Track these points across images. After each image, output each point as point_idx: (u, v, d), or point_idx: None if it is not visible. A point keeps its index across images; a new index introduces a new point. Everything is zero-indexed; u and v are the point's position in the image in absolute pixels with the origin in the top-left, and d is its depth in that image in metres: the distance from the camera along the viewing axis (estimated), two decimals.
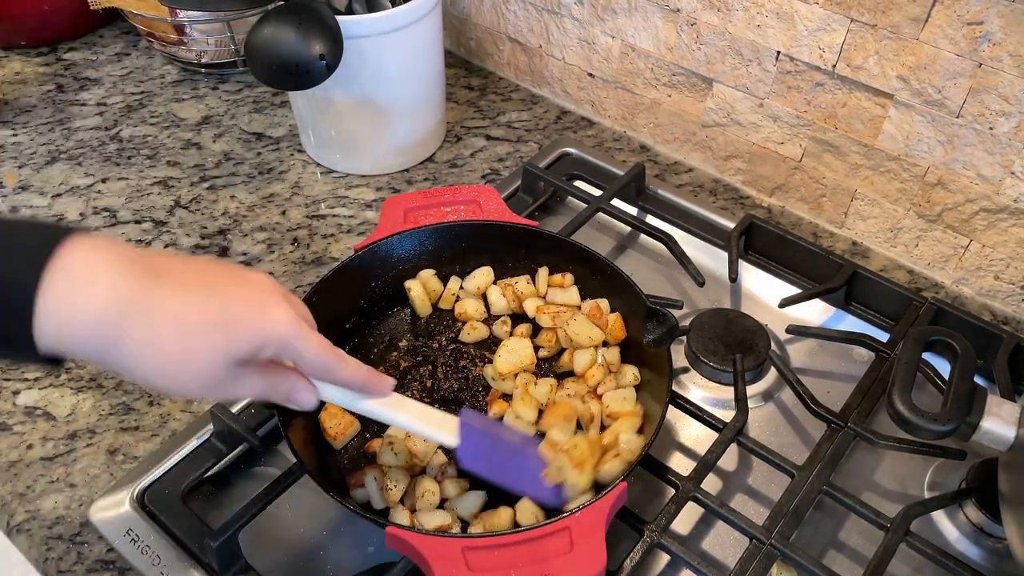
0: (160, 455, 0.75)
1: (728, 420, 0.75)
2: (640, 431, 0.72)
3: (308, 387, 0.60)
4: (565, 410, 0.72)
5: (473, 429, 0.65)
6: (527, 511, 0.68)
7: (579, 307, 0.83)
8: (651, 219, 1.01)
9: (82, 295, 0.47)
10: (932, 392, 0.82)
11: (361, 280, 0.84)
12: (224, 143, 1.14)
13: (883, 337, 0.85)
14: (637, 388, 0.78)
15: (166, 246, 0.98)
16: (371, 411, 0.64)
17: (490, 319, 0.86)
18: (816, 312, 0.92)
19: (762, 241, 0.96)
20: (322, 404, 0.64)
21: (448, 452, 0.73)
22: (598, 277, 0.83)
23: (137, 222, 1.02)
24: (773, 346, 0.85)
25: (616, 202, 1.00)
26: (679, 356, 0.86)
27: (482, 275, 0.87)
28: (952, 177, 0.88)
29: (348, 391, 0.62)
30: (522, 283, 0.86)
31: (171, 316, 0.50)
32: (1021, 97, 0.79)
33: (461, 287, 0.87)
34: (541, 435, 0.71)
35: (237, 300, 0.53)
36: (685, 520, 0.74)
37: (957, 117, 0.84)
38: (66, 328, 0.47)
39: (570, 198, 1.03)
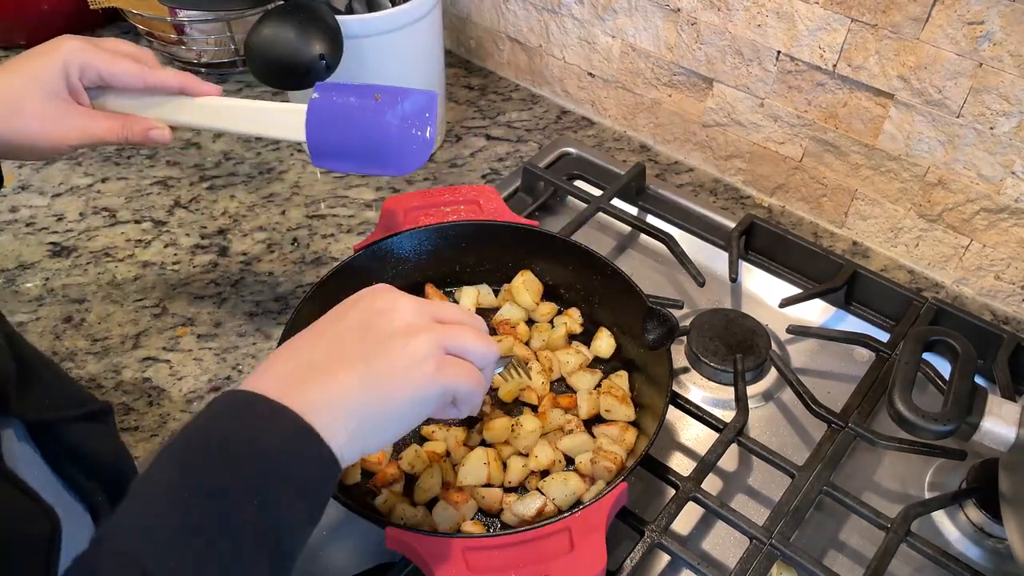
0: None
1: (728, 420, 0.75)
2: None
3: (148, 122, 0.69)
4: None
5: (325, 105, 0.64)
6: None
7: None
8: (651, 219, 1.01)
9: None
10: (932, 392, 0.82)
11: (361, 280, 0.84)
12: (224, 143, 1.14)
13: (883, 337, 0.85)
14: (637, 390, 0.78)
15: (166, 246, 0.98)
16: (201, 120, 0.68)
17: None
18: (816, 312, 0.92)
19: (762, 241, 0.96)
20: None
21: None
22: (598, 277, 0.83)
23: (137, 222, 1.02)
24: (773, 346, 0.85)
25: (616, 202, 1.00)
26: (679, 356, 0.86)
27: (468, 296, 0.87)
28: (952, 177, 0.88)
29: (172, 99, 0.69)
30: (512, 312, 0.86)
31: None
32: (1022, 97, 0.79)
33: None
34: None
35: (35, 52, 0.66)
36: (685, 520, 0.74)
37: (957, 117, 0.84)
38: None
39: (570, 198, 1.03)
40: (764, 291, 0.94)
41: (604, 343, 0.82)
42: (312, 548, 0.72)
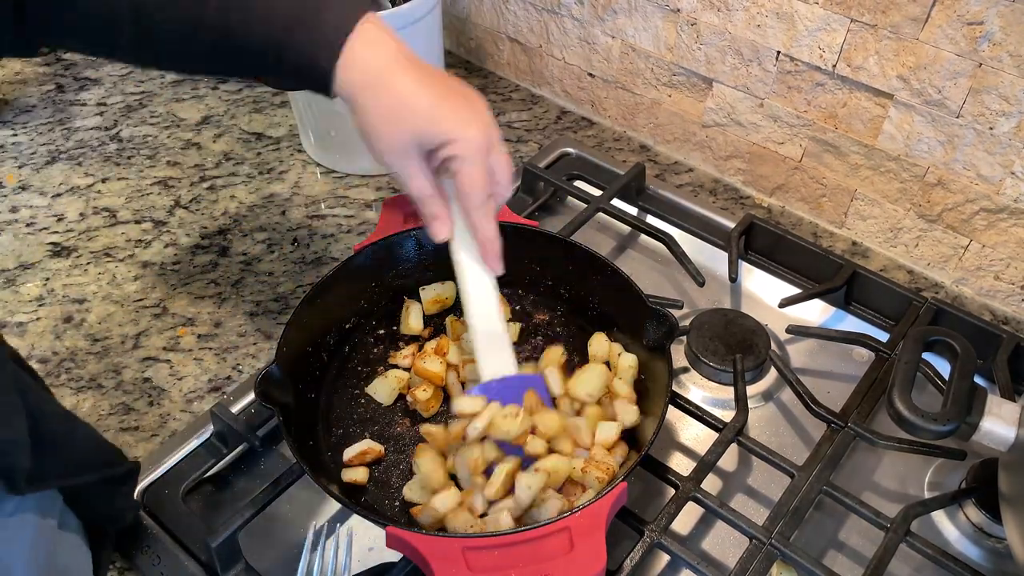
0: (160, 455, 0.75)
1: (728, 420, 0.75)
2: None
3: (448, 222, 0.70)
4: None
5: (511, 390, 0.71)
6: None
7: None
8: (651, 219, 1.01)
9: (363, 53, 0.61)
10: (932, 392, 0.82)
11: (361, 280, 0.84)
12: (224, 143, 1.14)
13: (883, 337, 0.85)
14: (638, 390, 0.78)
15: (166, 246, 0.98)
16: (463, 284, 0.72)
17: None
18: (816, 312, 0.92)
19: (762, 241, 0.96)
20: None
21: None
22: (598, 277, 0.83)
23: (137, 222, 1.02)
24: (773, 346, 0.85)
25: (616, 202, 1.00)
26: (679, 356, 0.86)
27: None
28: (952, 177, 0.88)
29: (468, 249, 0.72)
30: None
31: (398, 93, 0.62)
32: (1021, 97, 0.79)
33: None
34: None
35: (451, 107, 0.64)
36: (685, 520, 0.74)
37: (957, 117, 0.84)
38: (348, 74, 0.61)
39: (570, 198, 1.03)
40: (764, 291, 0.94)
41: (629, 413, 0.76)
42: (312, 548, 0.72)
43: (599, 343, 0.81)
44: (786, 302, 0.89)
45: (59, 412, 0.60)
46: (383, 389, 0.79)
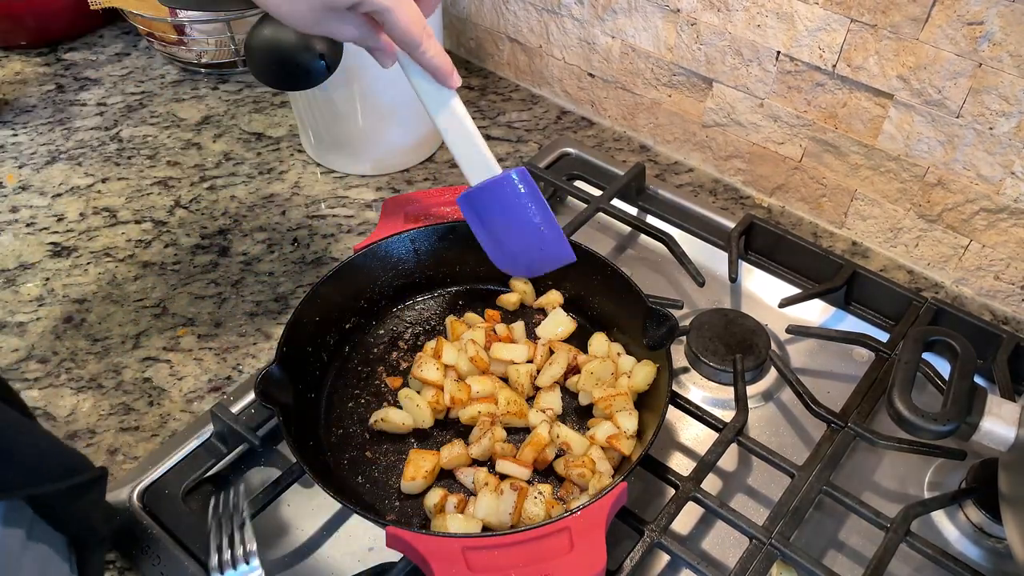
0: (160, 455, 0.75)
1: (728, 420, 0.75)
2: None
3: (391, 53, 0.68)
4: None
5: (504, 192, 0.78)
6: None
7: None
8: (651, 219, 1.01)
9: None
10: (932, 392, 0.82)
11: (361, 280, 0.84)
12: (224, 143, 1.14)
13: (883, 337, 0.85)
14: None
15: (166, 246, 0.98)
16: (429, 109, 0.72)
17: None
18: (816, 312, 0.92)
19: (762, 241, 0.96)
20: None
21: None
22: (598, 277, 0.83)
23: (137, 222, 1.02)
24: (773, 346, 0.85)
25: (616, 202, 1.00)
26: (679, 356, 0.86)
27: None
28: (952, 177, 0.88)
29: (419, 74, 0.70)
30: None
31: None
32: (1021, 97, 0.79)
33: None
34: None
35: None
36: (685, 520, 0.74)
37: (957, 117, 0.84)
38: None
39: (570, 198, 1.03)
40: (764, 291, 0.94)
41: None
42: (312, 548, 0.72)
43: (599, 343, 0.81)
44: (786, 302, 0.89)
45: (13, 421, 0.56)
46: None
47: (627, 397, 0.75)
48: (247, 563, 0.62)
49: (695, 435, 0.81)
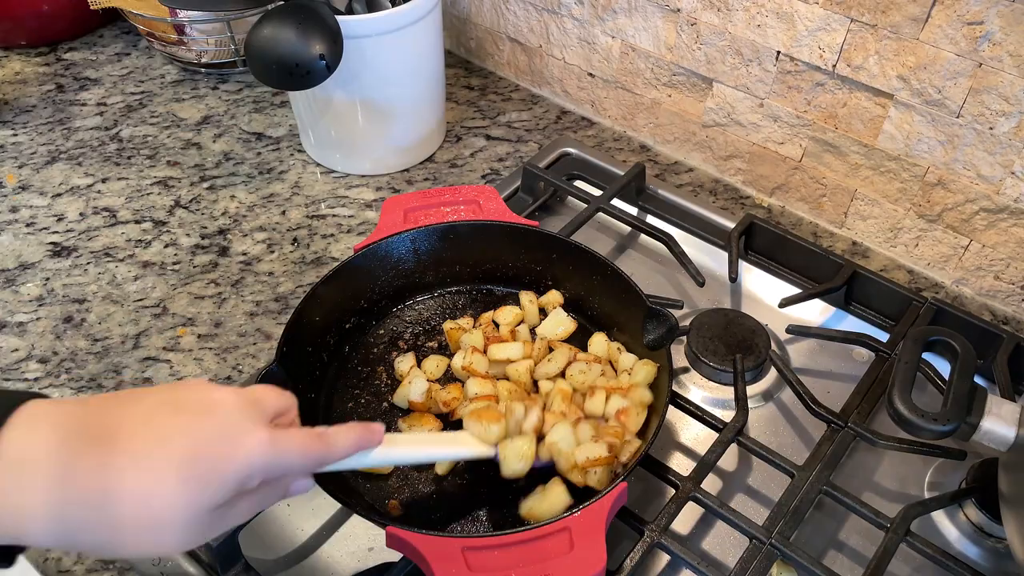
0: None
1: (728, 420, 0.75)
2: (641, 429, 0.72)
3: (302, 477, 0.56)
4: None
5: None
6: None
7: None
8: (651, 219, 1.01)
9: (20, 489, 0.43)
10: (932, 392, 0.82)
11: (361, 280, 0.84)
12: (224, 143, 1.14)
13: (883, 337, 0.85)
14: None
15: (166, 246, 0.98)
16: (388, 460, 0.63)
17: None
18: (816, 312, 0.92)
19: (762, 241, 0.96)
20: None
21: None
22: (598, 277, 0.83)
23: (137, 222, 1.02)
24: (773, 346, 0.85)
25: (616, 202, 1.00)
26: (679, 356, 0.86)
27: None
28: (952, 177, 0.88)
29: (347, 462, 0.59)
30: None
31: (131, 496, 0.45)
32: (1021, 97, 0.79)
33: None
34: None
35: (200, 446, 0.47)
36: (685, 520, 0.74)
37: (957, 117, 0.84)
38: (15, 525, 0.43)
39: (570, 198, 1.03)
40: (764, 291, 0.94)
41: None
42: (312, 548, 0.72)
43: (599, 343, 0.81)
44: (786, 302, 0.89)
45: None
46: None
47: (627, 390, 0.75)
48: None
49: (695, 435, 0.81)
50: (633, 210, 1.02)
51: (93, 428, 0.46)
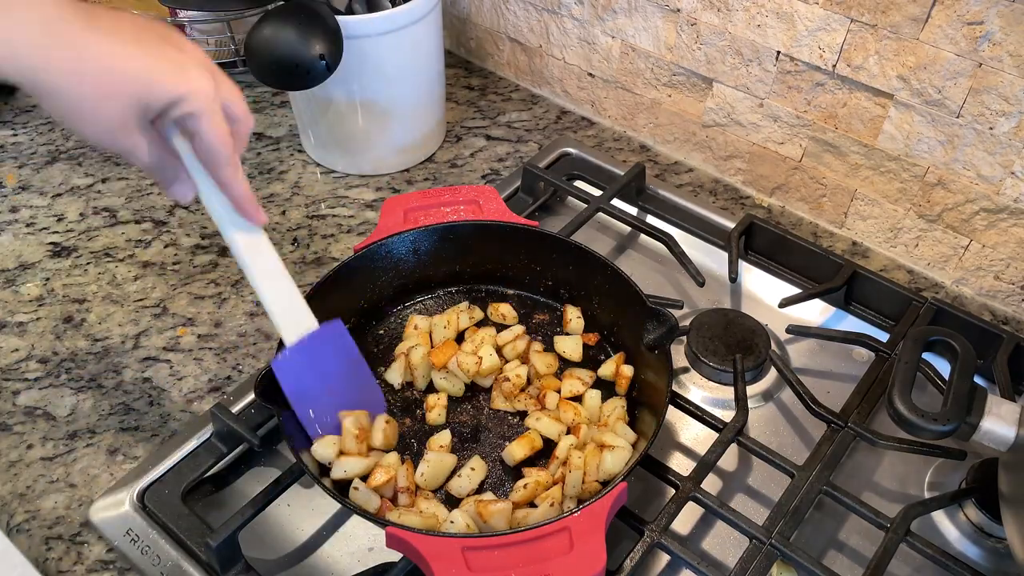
0: (160, 455, 0.75)
1: (728, 420, 0.75)
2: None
3: (188, 182, 0.62)
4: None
5: (320, 347, 0.69)
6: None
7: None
8: (651, 219, 1.01)
9: (18, 24, 0.50)
10: (932, 392, 0.82)
11: (361, 280, 0.84)
12: None
13: (883, 337, 0.85)
14: (637, 390, 0.78)
15: (166, 246, 0.98)
16: (233, 246, 0.64)
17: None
18: (816, 312, 0.92)
19: (762, 241, 0.96)
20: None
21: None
22: (598, 277, 0.83)
23: (137, 222, 1.02)
24: (773, 346, 0.85)
25: (616, 202, 1.00)
26: (679, 356, 0.86)
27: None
28: (952, 177, 0.88)
29: (223, 205, 0.63)
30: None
31: (98, 58, 0.52)
32: (1021, 97, 0.79)
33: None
34: None
35: (164, 58, 0.55)
36: (685, 520, 0.74)
37: (957, 117, 0.84)
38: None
39: (570, 198, 1.03)
40: (764, 291, 0.94)
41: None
42: (312, 548, 0.72)
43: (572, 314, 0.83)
44: (786, 302, 0.89)
45: None
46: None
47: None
48: None
49: (695, 435, 0.81)
50: (633, 210, 1.02)
51: (88, 11, 0.53)
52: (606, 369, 0.80)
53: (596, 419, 0.76)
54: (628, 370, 0.79)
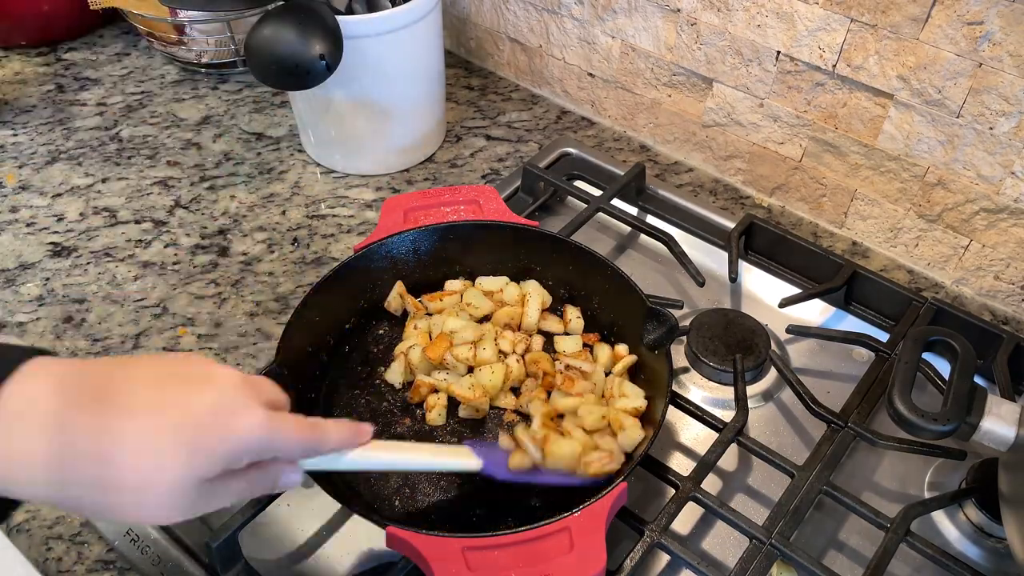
0: None
1: (728, 420, 0.75)
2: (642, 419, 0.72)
3: (292, 468, 0.56)
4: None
5: (481, 447, 0.66)
6: None
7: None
8: (651, 219, 1.01)
9: (20, 438, 0.44)
10: (932, 392, 0.82)
11: (361, 280, 0.84)
12: (224, 143, 1.14)
13: (883, 337, 0.85)
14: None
15: (166, 246, 0.98)
16: (374, 463, 0.61)
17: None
18: (816, 312, 0.92)
19: (762, 241, 0.96)
20: None
21: None
22: (598, 277, 0.83)
23: (137, 222, 1.02)
24: (773, 346, 0.85)
25: (616, 202, 1.00)
26: (679, 356, 0.86)
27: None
28: (952, 177, 0.88)
29: (336, 456, 0.58)
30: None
31: (125, 458, 0.45)
32: (1021, 97, 0.79)
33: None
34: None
35: (198, 416, 0.47)
36: (685, 520, 0.74)
37: (957, 117, 0.84)
38: (8, 474, 0.45)
39: (570, 198, 1.03)
40: (764, 291, 0.94)
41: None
42: (312, 548, 0.72)
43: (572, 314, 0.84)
44: (786, 302, 0.89)
45: None
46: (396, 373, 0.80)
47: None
48: None
49: (695, 435, 0.81)
50: (633, 210, 1.02)
51: (95, 388, 0.47)
52: (602, 354, 0.80)
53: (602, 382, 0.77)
54: (623, 349, 0.79)
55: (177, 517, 0.48)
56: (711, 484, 0.76)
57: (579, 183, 1.06)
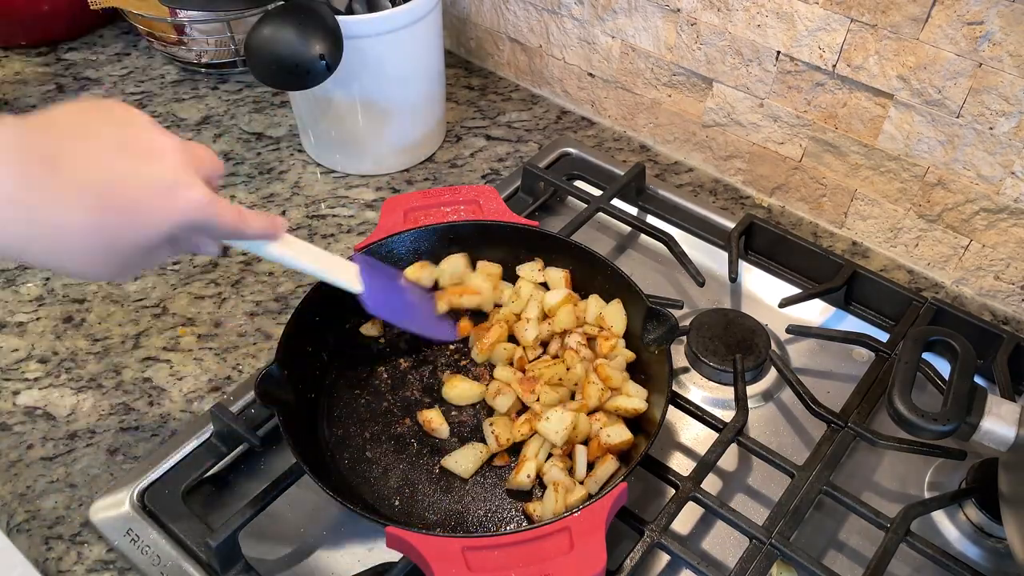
0: (160, 455, 0.75)
1: (728, 420, 0.75)
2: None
3: (212, 242, 0.62)
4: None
5: (372, 273, 0.72)
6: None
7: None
8: (651, 219, 1.01)
9: None
10: (932, 392, 0.82)
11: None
12: (224, 143, 1.14)
13: (883, 337, 0.85)
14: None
15: None
16: (274, 256, 0.66)
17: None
18: (816, 312, 0.92)
19: (762, 241, 0.96)
20: None
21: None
22: (598, 277, 0.83)
23: None
24: (773, 346, 0.85)
25: (616, 202, 1.00)
26: (679, 356, 0.86)
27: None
28: (952, 177, 0.88)
29: (249, 241, 0.64)
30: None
31: (72, 228, 0.50)
32: (1021, 97, 0.79)
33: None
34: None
35: (143, 189, 0.52)
36: (685, 520, 0.74)
37: (957, 117, 0.84)
38: None
39: (570, 198, 1.03)
40: (764, 291, 0.94)
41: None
42: (312, 548, 0.72)
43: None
44: (786, 302, 0.89)
45: None
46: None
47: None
48: None
49: (695, 435, 0.81)
50: (633, 210, 1.02)
51: (45, 155, 0.50)
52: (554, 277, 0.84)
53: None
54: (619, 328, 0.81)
55: (106, 278, 0.56)
56: (711, 484, 0.76)
57: (579, 183, 1.06)
